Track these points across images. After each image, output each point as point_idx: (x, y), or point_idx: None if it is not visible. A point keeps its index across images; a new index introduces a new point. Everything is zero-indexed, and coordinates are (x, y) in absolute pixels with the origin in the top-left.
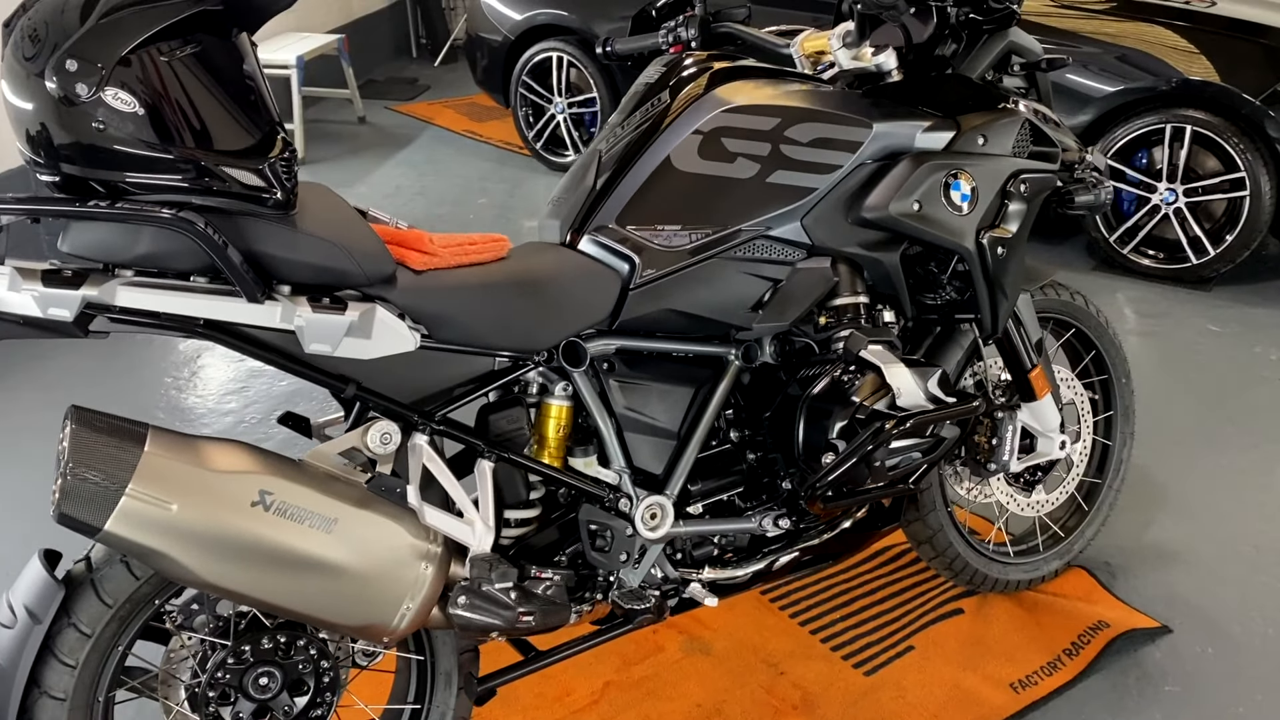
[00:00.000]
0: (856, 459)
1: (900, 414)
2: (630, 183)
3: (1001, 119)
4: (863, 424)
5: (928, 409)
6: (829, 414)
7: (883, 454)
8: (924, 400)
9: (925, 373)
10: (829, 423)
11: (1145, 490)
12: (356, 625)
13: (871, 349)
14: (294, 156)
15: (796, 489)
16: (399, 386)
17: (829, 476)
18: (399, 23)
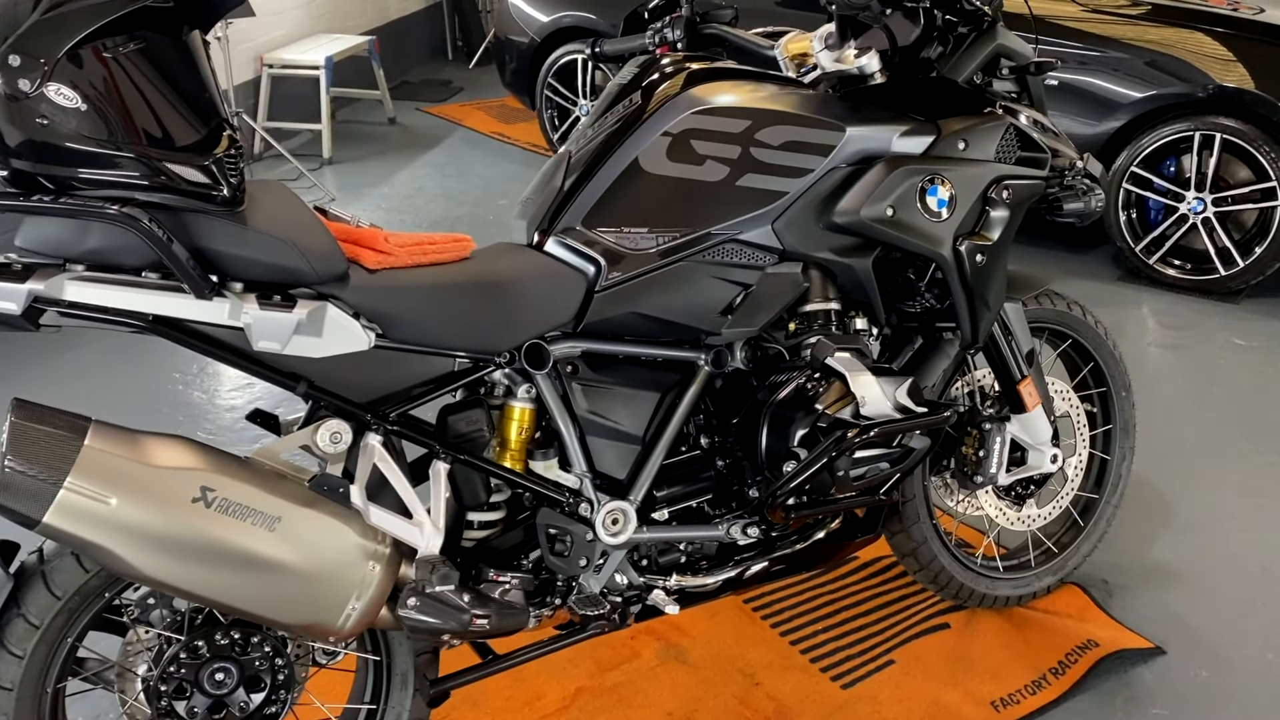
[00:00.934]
0: (818, 468)
1: (864, 423)
2: (598, 184)
3: (984, 123)
4: (824, 432)
5: (894, 419)
6: (791, 421)
7: (846, 464)
8: (890, 410)
9: (894, 382)
10: (790, 430)
11: (1151, 506)
12: (301, 624)
13: (838, 356)
14: (241, 154)
15: (761, 497)
16: (355, 385)
17: (790, 485)
18: (435, 25)
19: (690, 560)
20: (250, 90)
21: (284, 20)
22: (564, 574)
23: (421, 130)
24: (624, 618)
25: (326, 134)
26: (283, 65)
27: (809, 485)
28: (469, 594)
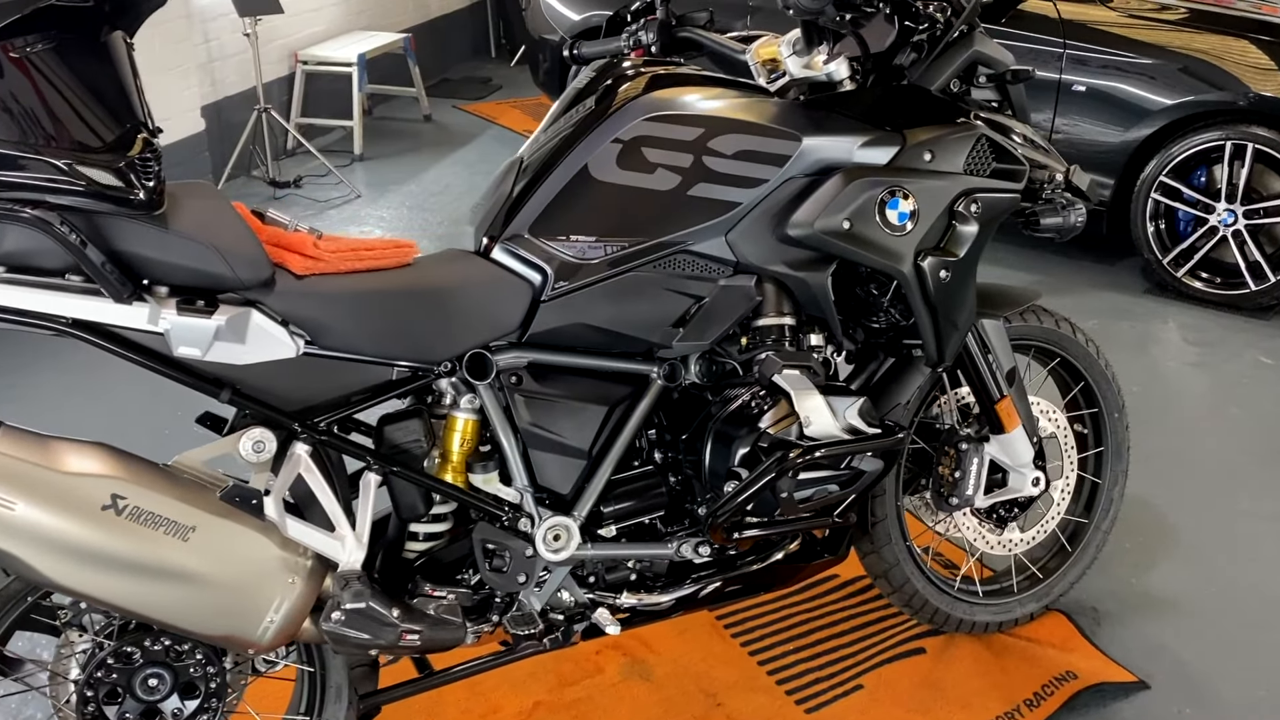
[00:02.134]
0: (759, 489)
1: (806, 444)
2: (546, 191)
3: (953, 134)
4: (765, 452)
5: (841, 440)
6: (733, 439)
7: (790, 485)
8: (837, 430)
9: (846, 401)
10: (732, 449)
11: (1153, 531)
12: (217, 635)
13: (786, 374)
14: (157, 157)
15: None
16: (286, 393)
17: (730, 505)
18: (479, 22)
19: (642, 578)
20: (285, 86)
21: (321, 17)
22: (502, 590)
23: (456, 128)
24: (568, 635)
25: (358, 131)
26: (317, 62)
27: (752, 506)
28: (399, 608)
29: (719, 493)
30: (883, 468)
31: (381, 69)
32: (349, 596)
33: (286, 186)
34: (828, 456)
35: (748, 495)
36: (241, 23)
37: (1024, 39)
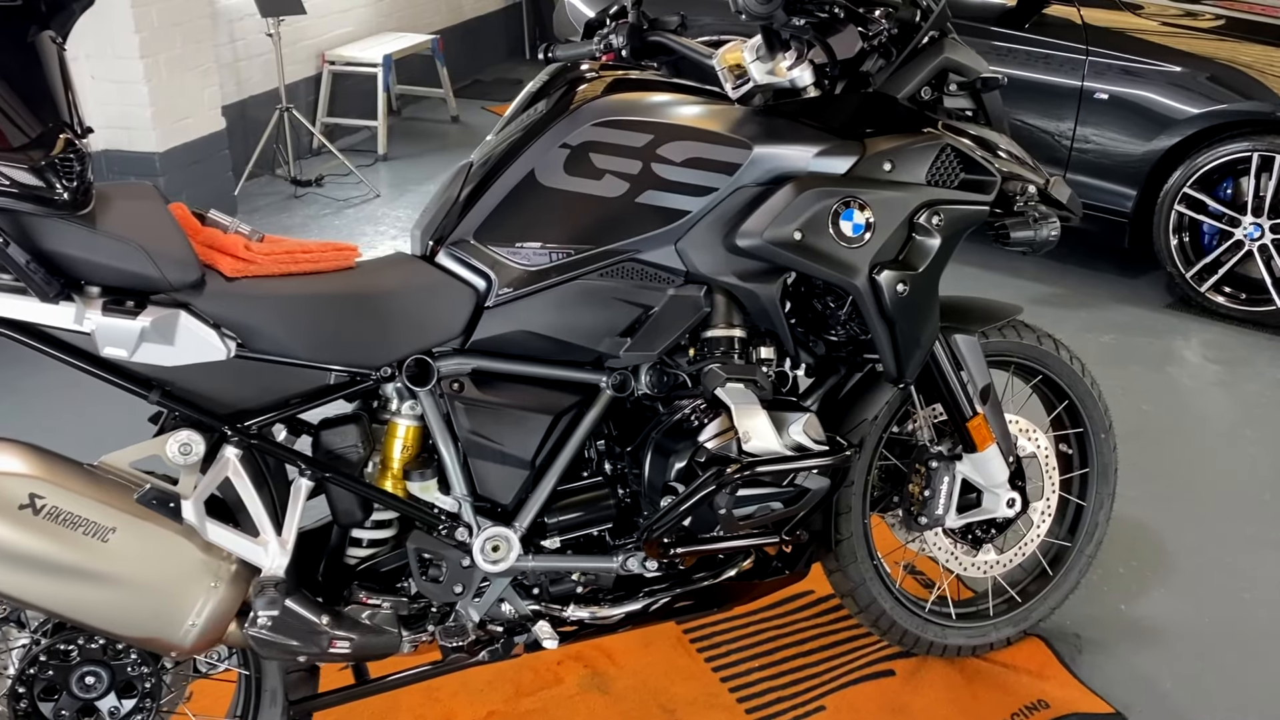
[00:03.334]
0: (695, 504)
1: (744, 460)
2: (492, 196)
3: (915, 143)
4: (702, 467)
5: (782, 456)
6: (671, 453)
7: (728, 501)
8: (778, 446)
9: (789, 417)
10: (669, 463)
11: (1150, 556)
12: (139, 637)
13: (730, 387)
14: (81, 156)
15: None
16: (221, 396)
17: (665, 520)
18: (513, 24)
19: (589, 591)
20: (313, 86)
21: (350, 18)
22: (437, 600)
23: (483, 128)
24: (508, 648)
25: (382, 131)
26: (344, 62)
27: (690, 521)
28: (328, 616)
29: (656, 507)
30: (829, 486)
31: (411, 70)
32: (263, 603)
33: (308, 185)
34: (769, 473)
35: (683, 511)
36: (265, 23)
37: (1045, 45)
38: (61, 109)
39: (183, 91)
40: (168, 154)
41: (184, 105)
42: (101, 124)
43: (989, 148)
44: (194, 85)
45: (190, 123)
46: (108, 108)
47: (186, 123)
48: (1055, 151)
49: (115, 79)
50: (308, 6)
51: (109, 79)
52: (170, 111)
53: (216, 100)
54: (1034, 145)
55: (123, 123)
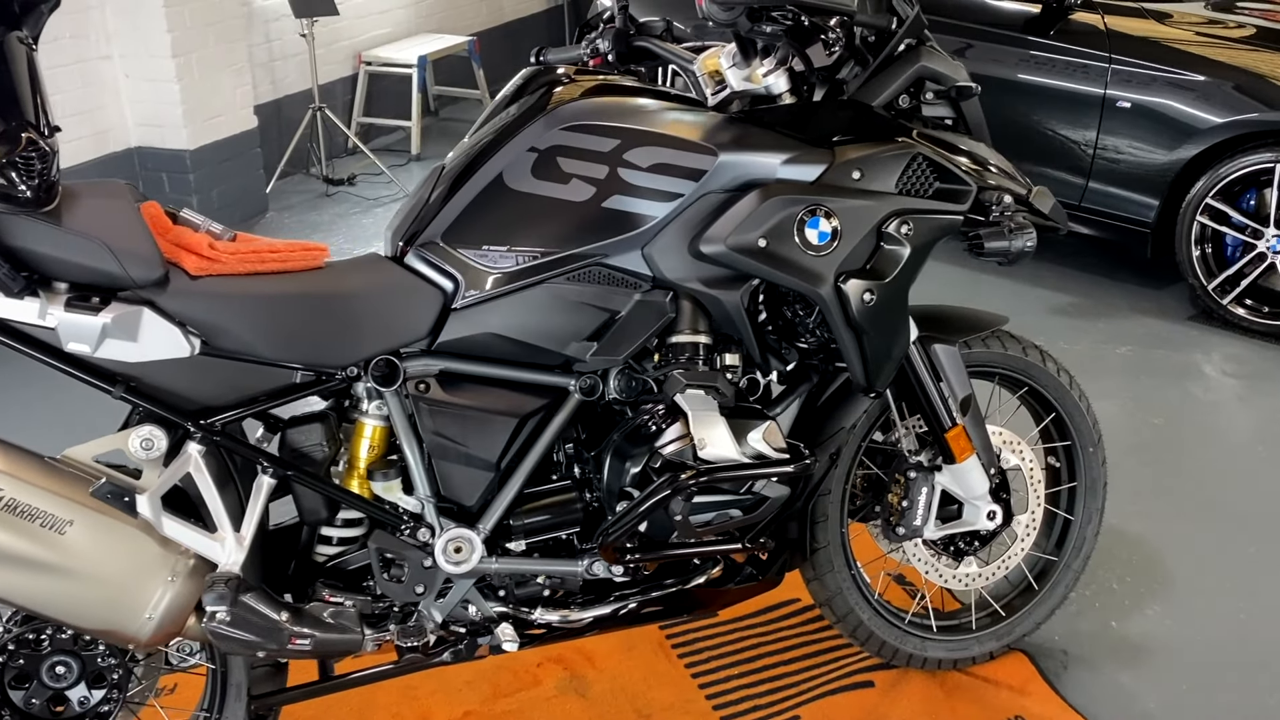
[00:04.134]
0: (650, 510)
1: (699, 467)
2: (461, 199)
3: (885, 152)
4: (657, 472)
5: (740, 463)
6: (627, 458)
7: (684, 508)
8: (735, 453)
9: (749, 425)
10: (625, 468)
11: (1148, 573)
12: (97, 629)
13: (690, 394)
14: (43, 155)
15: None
16: (186, 392)
17: (621, 525)
18: (555, 26)
19: (555, 595)
20: (349, 86)
21: (389, 19)
22: (399, 599)
23: None
24: (471, 649)
25: (415, 131)
26: (380, 63)
27: (646, 527)
28: (287, 612)
29: (613, 511)
30: (789, 494)
31: (449, 71)
32: (211, 598)
33: (340, 184)
34: (725, 480)
35: (638, 516)
36: (300, 23)
37: (1068, 52)
38: (25, 108)
39: (215, 90)
40: (198, 151)
41: (216, 104)
42: (134, 122)
43: (966, 156)
44: (226, 84)
45: (222, 121)
46: (141, 106)
47: (218, 121)
48: (1077, 160)
49: (148, 77)
50: (346, 7)
51: (142, 77)
52: (201, 110)
53: (249, 99)
54: (1056, 154)
55: (155, 120)
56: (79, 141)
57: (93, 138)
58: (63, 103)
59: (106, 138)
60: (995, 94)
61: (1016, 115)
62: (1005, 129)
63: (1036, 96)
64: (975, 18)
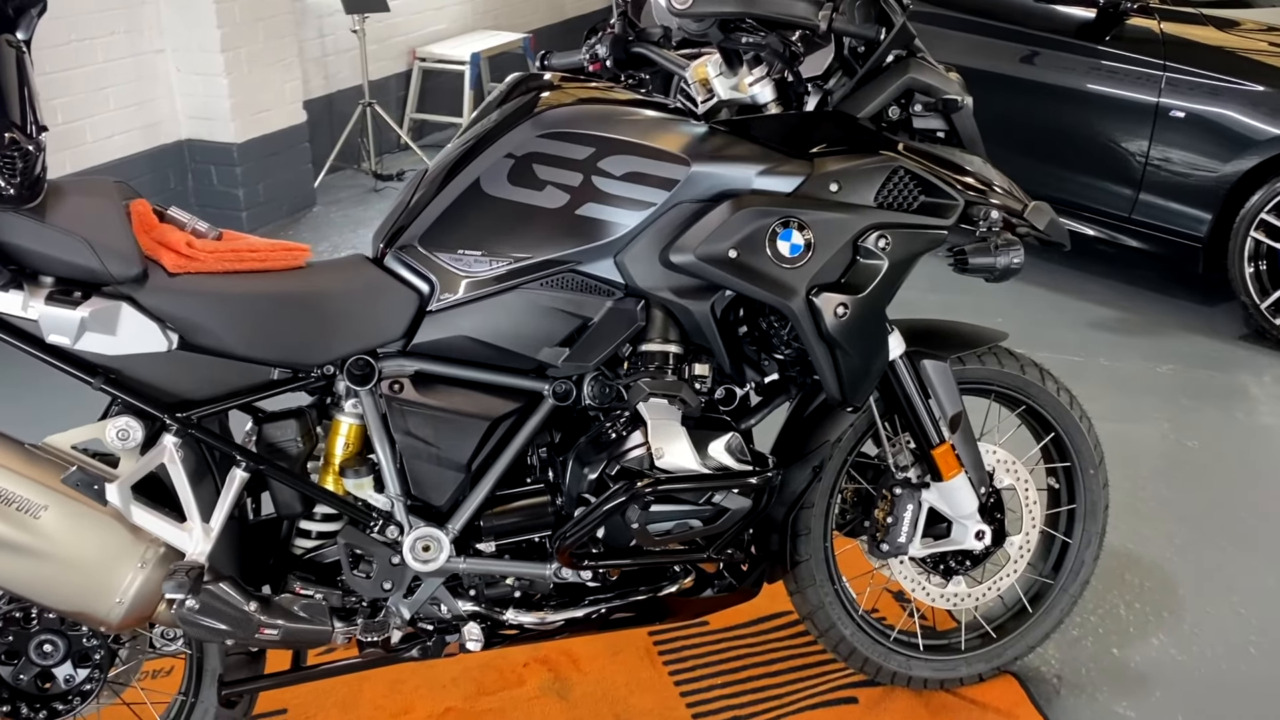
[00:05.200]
0: (606, 516)
1: (655, 475)
2: (439, 203)
3: (865, 164)
4: (613, 479)
5: (698, 473)
6: (586, 464)
7: (640, 516)
8: (693, 464)
9: (711, 435)
10: (584, 473)
11: (1158, 601)
12: (70, 611)
13: (652, 403)
14: (25, 153)
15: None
16: (165, 386)
17: (577, 530)
18: None
19: (526, 596)
20: (403, 82)
21: (444, 15)
22: (366, 595)
23: None
24: (439, 646)
25: None
26: (434, 59)
27: (604, 534)
28: (256, 602)
29: (571, 516)
30: (750, 506)
31: (505, 68)
32: (171, 586)
33: (389, 179)
34: (681, 491)
35: (593, 522)
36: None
37: (1121, 59)
38: (10, 109)
39: (263, 85)
40: (245, 145)
41: (264, 98)
42: (185, 115)
43: (954, 170)
44: (275, 79)
45: (270, 115)
46: (191, 99)
47: (266, 115)
48: (1128, 170)
49: (198, 72)
50: (402, 4)
51: (192, 72)
52: (249, 104)
53: (298, 94)
54: (1106, 163)
55: (204, 114)
56: (130, 134)
57: (144, 130)
58: (116, 95)
59: (158, 130)
60: (1044, 101)
61: (1066, 123)
62: (1053, 137)
63: (1087, 104)
64: (1028, 22)
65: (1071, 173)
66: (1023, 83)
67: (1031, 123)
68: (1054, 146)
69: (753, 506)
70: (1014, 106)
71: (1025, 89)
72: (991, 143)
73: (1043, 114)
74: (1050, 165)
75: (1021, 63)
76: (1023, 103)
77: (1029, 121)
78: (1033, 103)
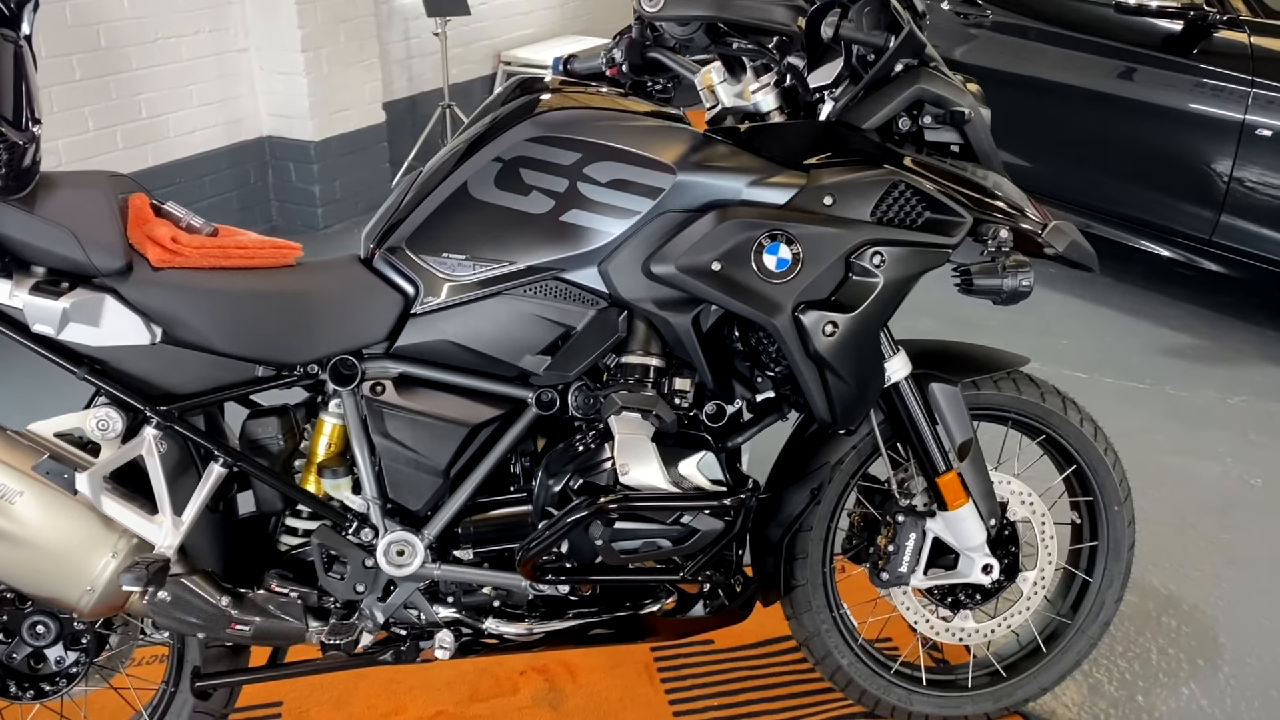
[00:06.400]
0: (568, 530)
1: (619, 492)
2: (427, 205)
3: (863, 177)
4: (575, 493)
5: (665, 492)
6: (552, 476)
7: (604, 533)
8: (661, 482)
9: (684, 453)
10: (550, 485)
11: (1195, 647)
12: (43, 596)
13: (624, 416)
14: (11, 146)
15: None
16: (151, 378)
17: (540, 542)
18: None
19: (504, 606)
20: (487, 85)
21: (532, 19)
22: (339, 596)
23: None
24: (413, 652)
25: None
26: (519, 63)
27: (568, 549)
28: (229, 597)
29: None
30: (722, 529)
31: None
32: (129, 579)
33: None
34: (648, 509)
35: (554, 535)
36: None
37: (1205, 73)
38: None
39: (343, 85)
40: (323, 143)
41: (343, 98)
42: (266, 112)
43: (964, 185)
44: (355, 79)
45: (349, 115)
46: (273, 97)
47: (345, 115)
48: (1209, 191)
49: (280, 70)
50: (490, 8)
51: (275, 70)
52: (328, 103)
53: (378, 95)
54: (1186, 183)
55: (285, 111)
56: (212, 129)
57: (226, 126)
58: (199, 92)
59: (240, 126)
60: (1123, 116)
61: (1145, 139)
62: (1131, 153)
63: (1168, 120)
64: (1110, 34)
65: (1149, 191)
66: (1101, 96)
67: (1109, 138)
68: (1133, 163)
69: (726, 529)
70: (1091, 121)
71: (1103, 103)
72: (1064, 159)
73: (1122, 129)
74: (1129, 183)
75: (1100, 76)
76: (1100, 118)
77: (1107, 137)
78: (1111, 118)
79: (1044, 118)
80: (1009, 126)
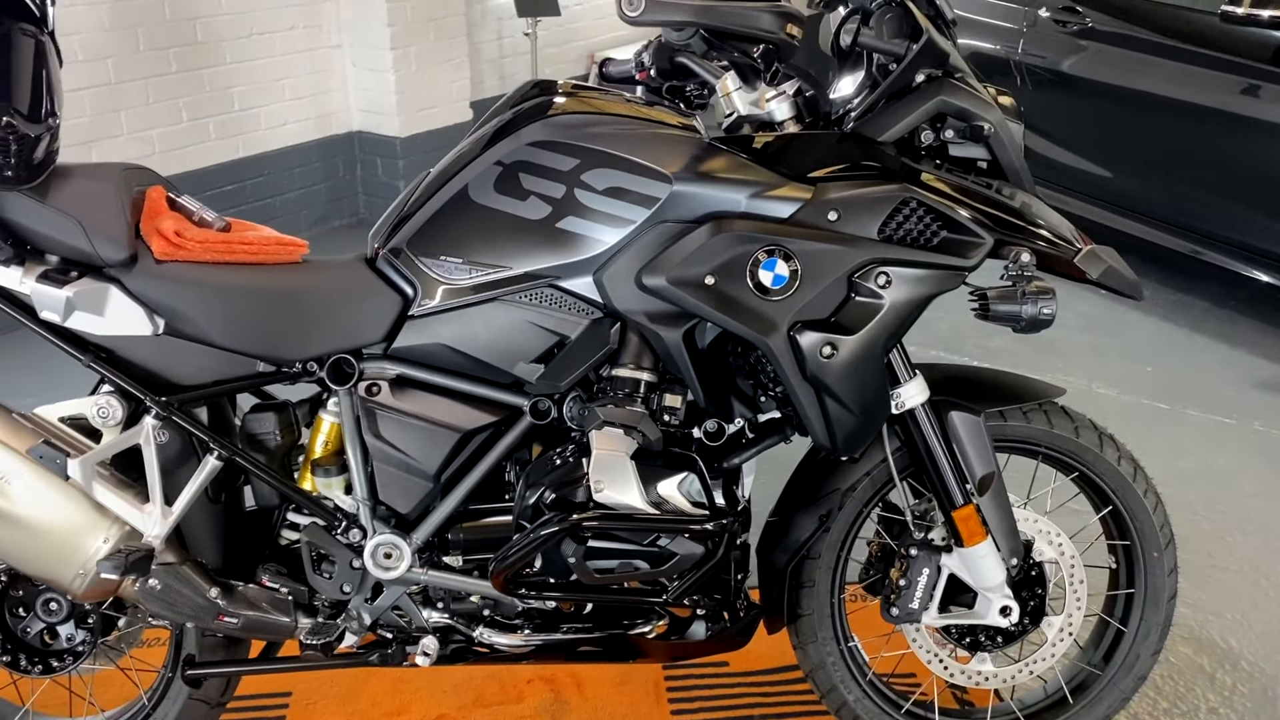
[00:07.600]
0: (539, 546)
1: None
2: (429, 208)
3: (870, 193)
4: (548, 508)
5: (640, 512)
6: (529, 488)
7: (577, 551)
8: (637, 501)
9: (664, 473)
10: (526, 497)
11: (1254, 710)
12: (38, 576)
13: (606, 431)
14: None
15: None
16: (155, 368)
17: (511, 555)
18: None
19: (493, 615)
20: None
21: None
22: (326, 595)
23: None
24: (400, 655)
25: None
26: None
27: (542, 565)
28: (218, 589)
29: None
30: (702, 553)
31: None
32: (107, 566)
33: None
34: (621, 529)
35: (525, 549)
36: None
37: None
38: (15, 93)
39: (431, 83)
40: (409, 140)
41: (430, 95)
42: (357, 107)
43: (987, 204)
44: (443, 77)
45: (435, 112)
46: (364, 93)
47: (431, 112)
48: None
49: (370, 67)
50: (585, 8)
51: (366, 67)
52: (415, 100)
53: (465, 93)
54: None
55: (374, 107)
56: (303, 123)
57: (317, 120)
58: (291, 86)
59: (330, 120)
60: (1224, 131)
61: (1249, 157)
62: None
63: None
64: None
65: (1245, 213)
66: (1201, 110)
67: (1209, 155)
68: (1234, 183)
69: (707, 554)
70: (1192, 137)
71: (1203, 117)
72: (1175, 179)
73: (1222, 146)
74: (1230, 203)
75: (1216, 92)
76: (1200, 133)
77: (1206, 153)
78: (1212, 133)
79: (1153, 135)
80: (1123, 144)
